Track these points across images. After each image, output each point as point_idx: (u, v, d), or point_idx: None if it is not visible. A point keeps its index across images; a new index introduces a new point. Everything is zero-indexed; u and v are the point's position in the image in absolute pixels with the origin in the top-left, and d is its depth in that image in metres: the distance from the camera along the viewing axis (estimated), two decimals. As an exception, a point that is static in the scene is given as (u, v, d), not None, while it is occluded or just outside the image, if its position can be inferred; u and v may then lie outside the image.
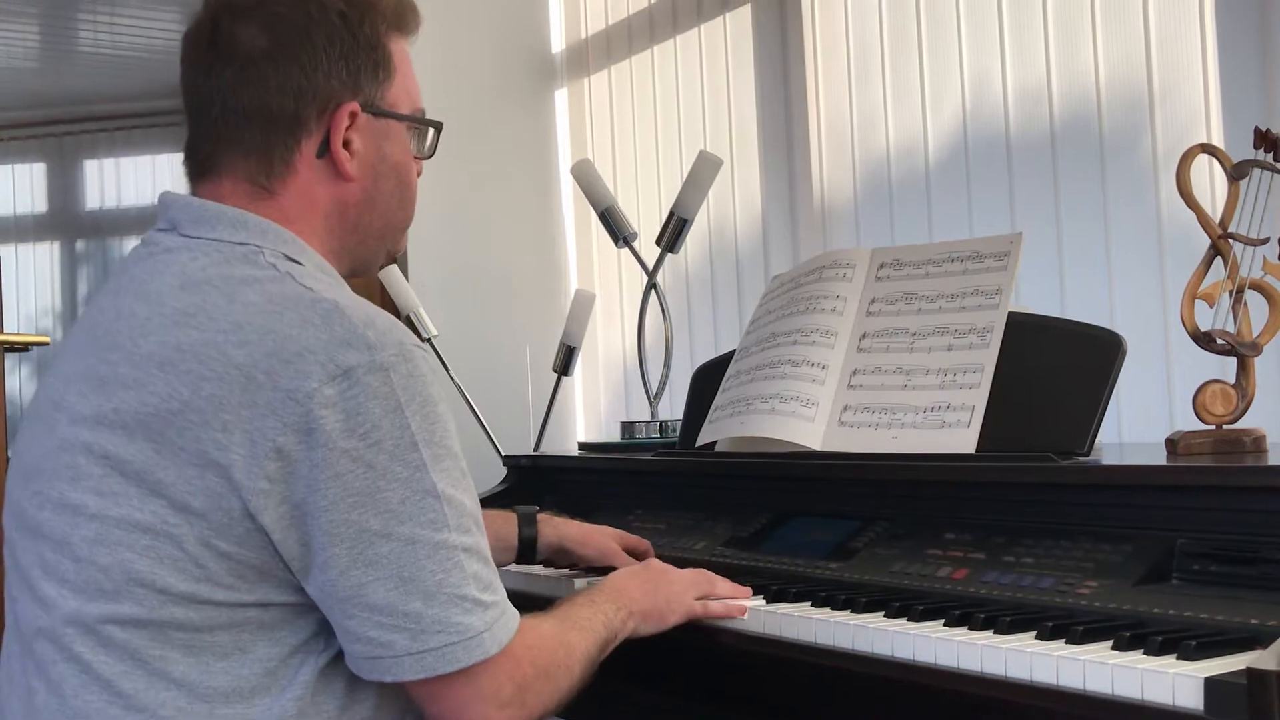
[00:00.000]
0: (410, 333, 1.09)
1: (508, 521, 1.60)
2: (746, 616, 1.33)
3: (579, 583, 1.56)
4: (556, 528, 1.61)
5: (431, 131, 1.26)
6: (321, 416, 1.01)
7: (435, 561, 1.04)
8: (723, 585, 1.38)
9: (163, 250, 1.14)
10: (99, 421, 1.06)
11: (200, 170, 1.18)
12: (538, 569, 1.67)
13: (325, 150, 1.16)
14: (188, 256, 1.11)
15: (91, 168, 5.65)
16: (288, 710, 1.05)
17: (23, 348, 2.58)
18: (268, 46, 1.14)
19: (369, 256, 1.25)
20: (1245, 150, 1.38)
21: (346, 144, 1.17)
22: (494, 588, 1.09)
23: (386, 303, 2.90)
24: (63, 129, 5.48)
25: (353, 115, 1.16)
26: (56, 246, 5.65)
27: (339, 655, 1.09)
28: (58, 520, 1.08)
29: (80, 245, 5.67)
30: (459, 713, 1.08)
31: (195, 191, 1.18)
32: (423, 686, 1.07)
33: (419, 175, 1.27)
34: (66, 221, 5.63)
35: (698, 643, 1.36)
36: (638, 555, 1.58)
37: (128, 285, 1.13)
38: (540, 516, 1.61)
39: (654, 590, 1.33)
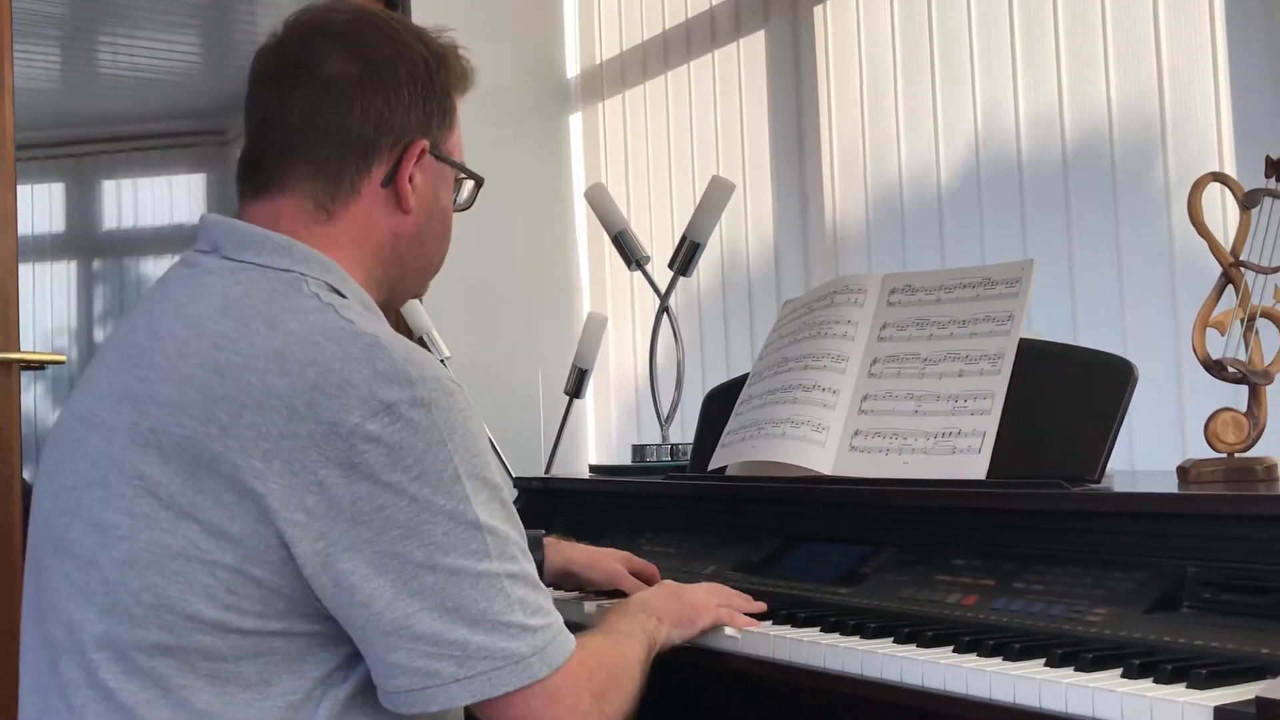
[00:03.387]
0: (446, 369, 1.11)
1: None
2: (754, 637, 1.33)
3: (588, 606, 1.56)
4: (562, 552, 1.61)
5: (471, 185, 1.32)
6: (365, 451, 1.02)
7: (478, 590, 1.05)
8: (737, 598, 1.40)
9: (204, 272, 1.14)
10: (133, 440, 1.06)
11: (261, 186, 1.19)
12: (547, 592, 1.67)
13: (390, 181, 1.20)
14: (231, 280, 1.12)
15: (110, 188, 5.70)
16: None
17: (39, 366, 2.60)
18: (358, 74, 1.17)
19: (404, 291, 1.28)
20: (1257, 179, 1.38)
21: (410, 178, 1.20)
22: (543, 611, 1.11)
23: (400, 324, 2.92)
24: (81, 150, 5.53)
25: (422, 153, 1.21)
26: (74, 266, 5.69)
27: (360, 691, 1.09)
28: (87, 540, 1.07)
29: (97, 265, 5.71)
30: None
31: (248, 209, 1.19)
32: (500, 711, 1.08)
33: None
34: (84, 241, 5.67)
35: (707, 667, 1.36)
36: (645, 579, 1.58)
37: (167, 306, 1.14)
38: (547, 540, 1.61)
39: (677, 601, 1.36)
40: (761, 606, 1.39)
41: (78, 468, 1.10)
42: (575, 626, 1.20)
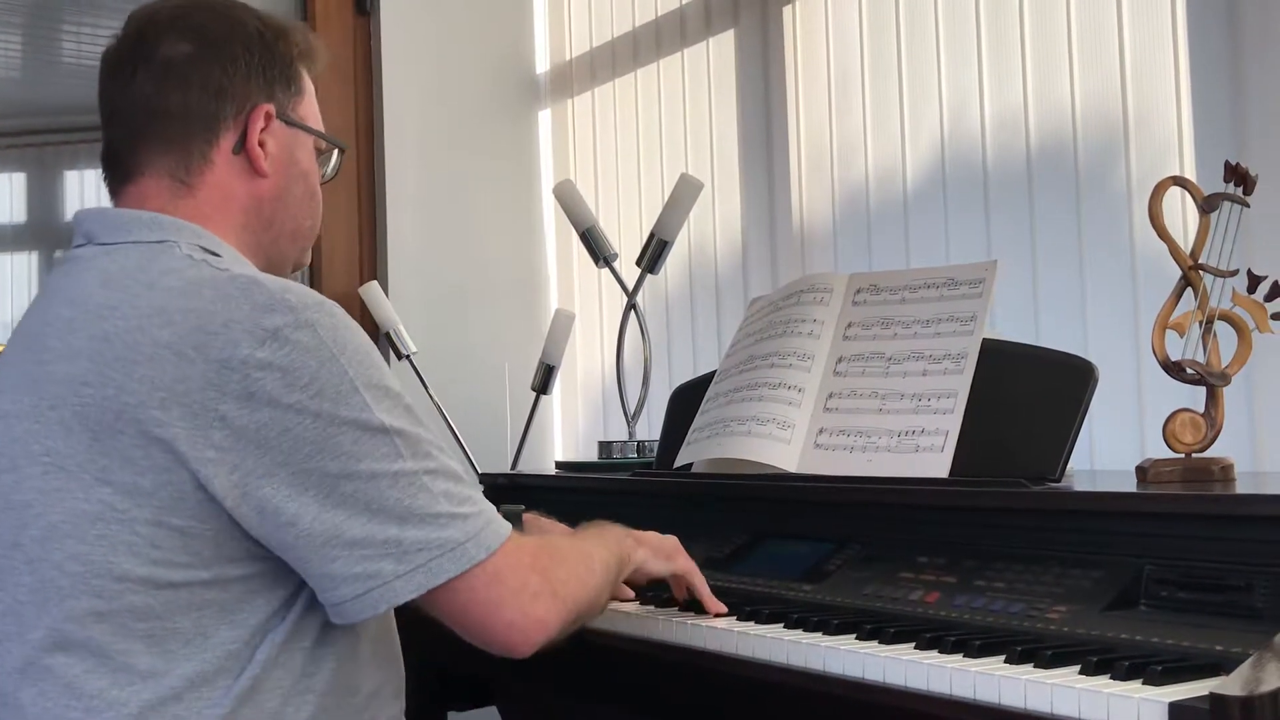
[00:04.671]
0: (326, 297, 1.14)
1: None
2: (717, 633, 1.33)
3: None
4: (542, 527, 1.62)
5: (336, 155, 1.36)
6: (259, 378, 1.05)
7: (399, 489, 1.08)
8: (702, 586, 1.43)
9: (83, 260, 1.19)
10: (35, 421, 1.09)
11: (123, 176, 1.24)
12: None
13: (241, 147, 1.24)
14: (107, 260, 1.16)
15: (72, 178, 5.63)
16: (244, 688, 1.07)
17: None
18: (192, 51, 1.23)
19: (280, 257, 1.30)
20: (1216, 183, 1.40)
21: (261, 144, 1.24)
22: (470, 500, 1.13)
23: (366, 318, 2.91)
24: (44, 139, 5.46)
25: (268, 117, 1.25)
26: (35, 256, 5.62)
27: (295, 633, 1.11)
28: (5, 524, 1.09)
29: (59, 255, 5.63)
30: (495, 612, 1.12)
31: (117, 200, 1.24)
32: (448, 601, 1.10)
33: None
34: (46, 231, 5.60)
35: (667, 661, 1.37)
36: None
37: (53, 297, 1.18)
38: (526, 516, 1.62)
39: (658, 536, 1.42)
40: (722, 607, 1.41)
41: None
42: None
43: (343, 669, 1.14)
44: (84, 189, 5.74)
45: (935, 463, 1.44)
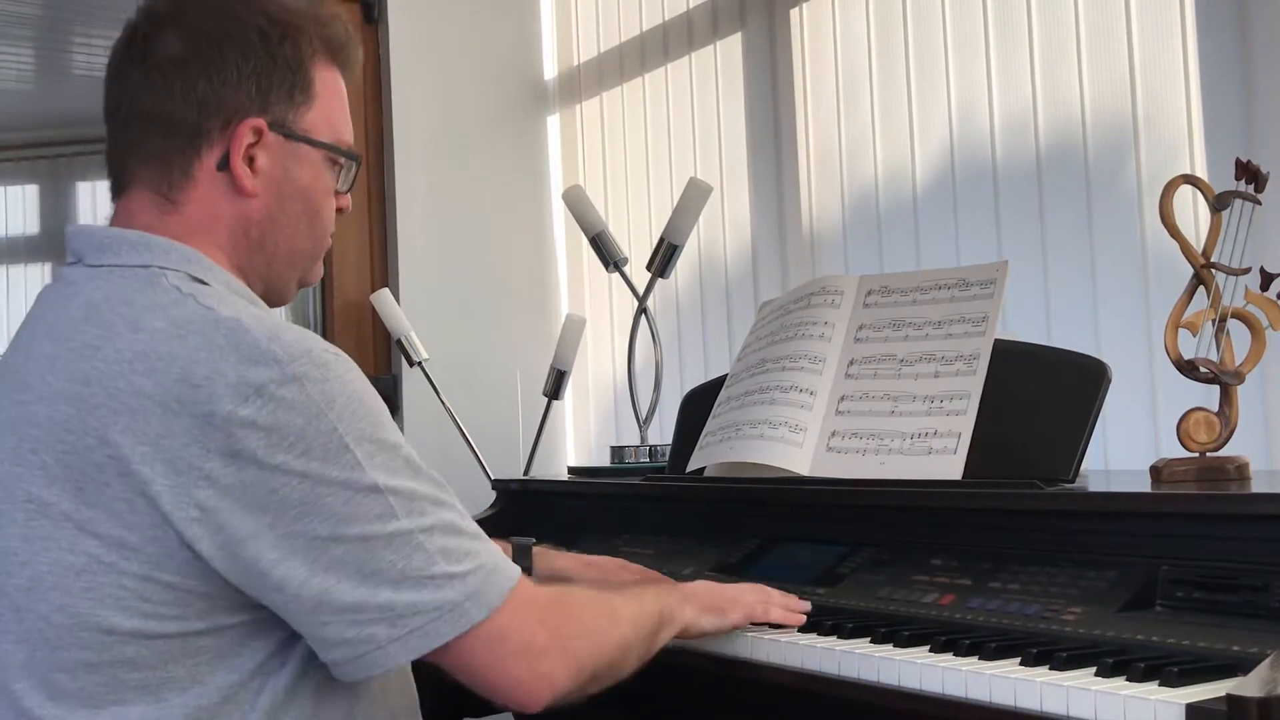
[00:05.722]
0: (321, 340, 1.06)
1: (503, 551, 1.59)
2: (731, 637, 1.33)
3: None
4: (551, 560, 1.57)
5: (354, 167, 1.24)
6: (243, 437, 0.99)
7: (393, 551, 1.03)
8: (778, 595, 1.36)
9: (69, 284, 1.13)
10: (17, 464, 1.04)
11: (118, 187, 1.18)
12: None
13: (226, 164, 1.15)
14: (92, 287, 1.10)
15: (84, 189, 5.65)
16: None
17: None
18: (180, 54, 1.13)
19: (278, 282, 1.22)
20: (1227, 181, 1.39)
21: (251, 161, 1.15)
22: (471, 555, 1.07)
23: (377, 326, 2.91)
24: (55, 151, 5.48)
25: (258, 132, 1.15)
26: (48, 268, 5.64)
27: (300, 676, 1.07)
28: None
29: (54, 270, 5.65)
30: (499, 670, 1.08)
31: (115, 212, 1.18)
32: (449, 659, 1.06)
33: (343, 210, 1.25)
34: (58, 243, 5.61)
35: (680, 665, 1.36)
36: None
37: (38, 326, 1.12)
38: (536, 550, 1.59)
39: (709, 588, 1.34)
40: (806, 605, 1.35)
41: None
42: None
43: (356, 706, 1.11)
44: (96, 200, 5.76)
45: (948, 464, 1.43)
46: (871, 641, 1.23)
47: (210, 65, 1.13)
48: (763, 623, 1.33)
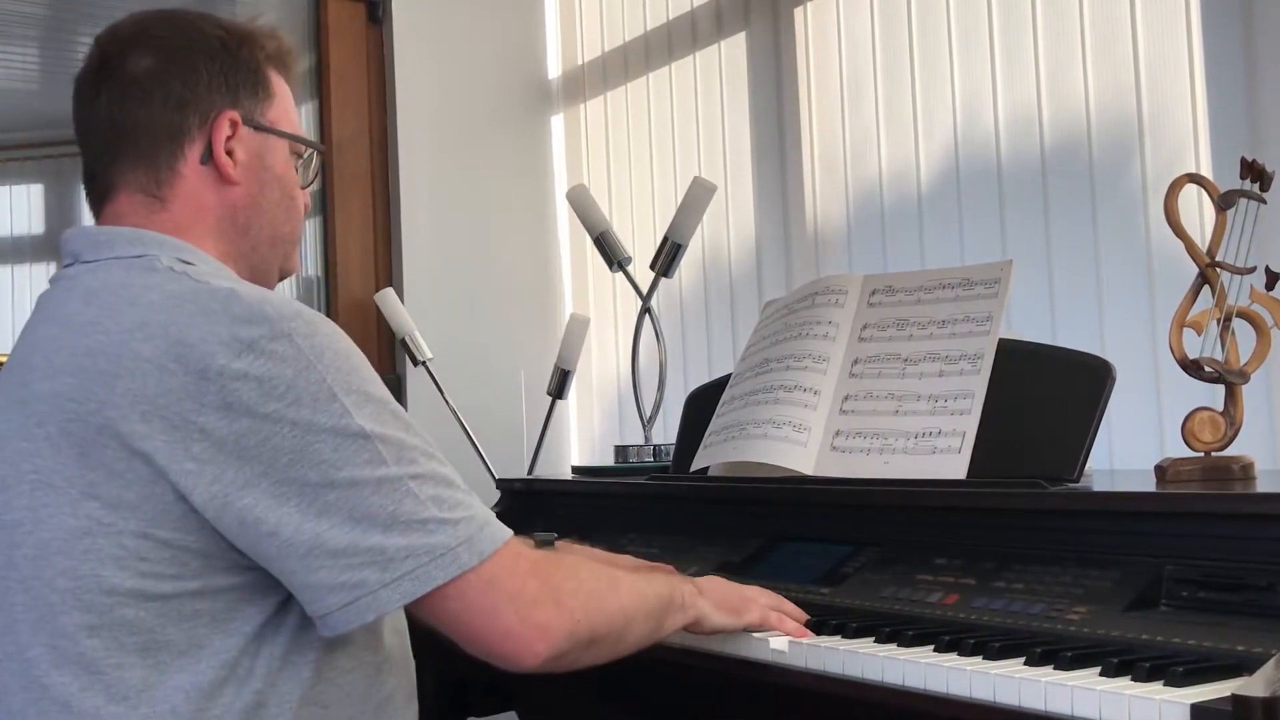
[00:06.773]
0: (308, 308, 1.12)
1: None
2: (733, 637, 1.33)
3: None
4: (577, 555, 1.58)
5: (315, 160, 1.34)
6: (236, 389, 1.05)
7: (383, 495, 1.06)
8: (788, 604, 1.35)
9: (67, 279, 1.20)
10: (22, 439, 1.10)
11: (101, 196, 1.25)
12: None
13: (209, 157, 1.23)
14: (90, 277, 1.17)
15: (89, 189, 5.65)
16: (248, 703, 1.07)
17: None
18: (153, 66, 1.22)
19: (263, 264, 1.29)
20: (1232, 180, 1.39)
21: (230, 152, 1.24)
22: (464, 505, 1.10)
23: (381, 325, 2.92)
24: (60, 150, 5.49)
25: (234, 124, 1.24)
26: (53, 268, 5.65)
27: (296, 646, 1.10)
28: None
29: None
30: (491, 620, 1.09)
31: (97, 219, 1.25)
32: (440, 609, 1.08)
33: (306, 210, 1.34)
34: (63, 242, 5.62)
35: (680, 665, 1.36)
36: None
37: (39, 317, 1.19)
38: (559, 544, 1.59)
39: (725, 584, 1.35)
40: (805, 617, 1.33)
41: None
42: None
43: (353, 679, 1.13)
44: (100, 199, 5.75)
45: (952, 464, 1.43)
46: (875, 641, 1.23)
47: (183, 69, 1.23)
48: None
